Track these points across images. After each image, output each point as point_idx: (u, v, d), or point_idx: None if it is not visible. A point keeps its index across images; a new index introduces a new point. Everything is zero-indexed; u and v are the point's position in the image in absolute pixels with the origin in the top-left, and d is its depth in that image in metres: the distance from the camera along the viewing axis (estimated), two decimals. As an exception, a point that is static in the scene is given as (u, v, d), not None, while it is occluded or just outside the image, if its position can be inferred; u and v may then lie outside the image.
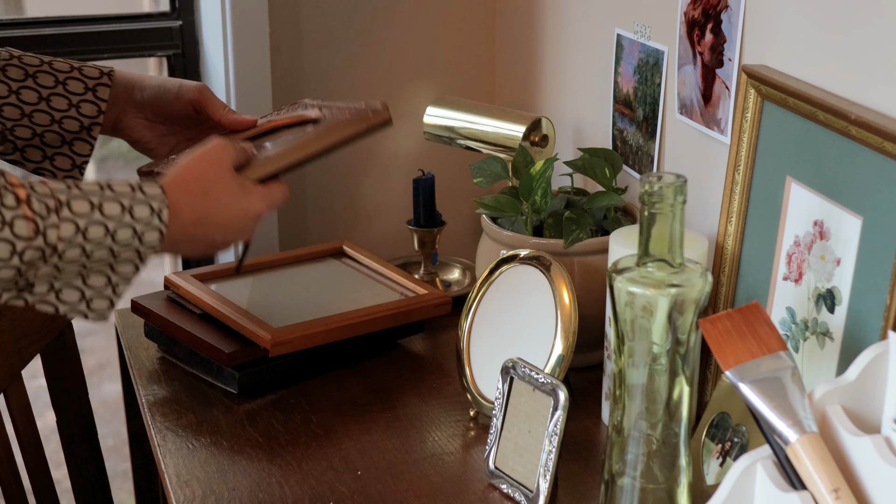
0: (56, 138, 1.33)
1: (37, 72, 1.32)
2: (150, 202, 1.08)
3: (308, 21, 1.88)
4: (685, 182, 1.01)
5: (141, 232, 1.08)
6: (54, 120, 1.32)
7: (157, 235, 1.09)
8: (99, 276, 1.09)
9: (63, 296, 1.08)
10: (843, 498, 0.88)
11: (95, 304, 1.10)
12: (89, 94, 1.34)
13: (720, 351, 0.96)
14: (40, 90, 1.32)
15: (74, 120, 1.33)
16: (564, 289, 1.32)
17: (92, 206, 1.05)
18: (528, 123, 1.64)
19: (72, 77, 1.34)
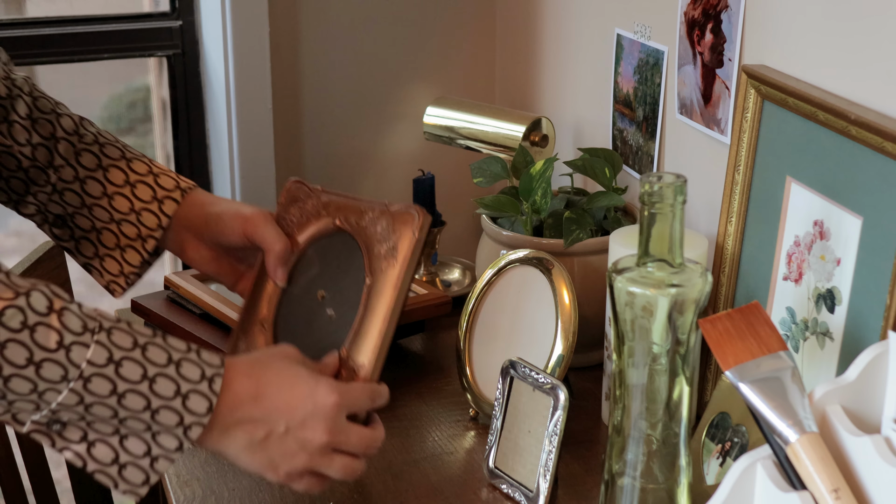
0: (112, 238, 1.22)
1: (110, 165, 1.22)
2: (203, 367, 0.98)
3: (308, 21, 1.88)
4: (685, 182, 1.01)
5: (185, 392, 0.96)
6: (112, 219, 1.22)
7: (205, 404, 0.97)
8: (138, 441, 0.97)
9: (95, 451, 0.97)
10: (843, 498, 0.88)
11: (129, 474, 0.98)
12: (154, 204, 1.22)
13: (720, 351, 0.96)
14: (106, 185, 1.22)
15: (133, 226, 1.22)
16: (564, 289, 1.32)
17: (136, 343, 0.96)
18: (528, 123, 1.64)
19: (144, 181, 1.22)
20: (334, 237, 1.17)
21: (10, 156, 1.21)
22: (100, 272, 1.24)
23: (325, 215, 1.17)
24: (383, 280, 1.11)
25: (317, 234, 1.18)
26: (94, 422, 0.96)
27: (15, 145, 1.20)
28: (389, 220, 1.12)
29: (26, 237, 5.30)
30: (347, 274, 1.14)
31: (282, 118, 1.90)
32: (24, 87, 1.21)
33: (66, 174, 1.21)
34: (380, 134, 1.97)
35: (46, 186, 1.21)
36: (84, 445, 0.96)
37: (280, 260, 1.18)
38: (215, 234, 1.22)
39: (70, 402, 0.93)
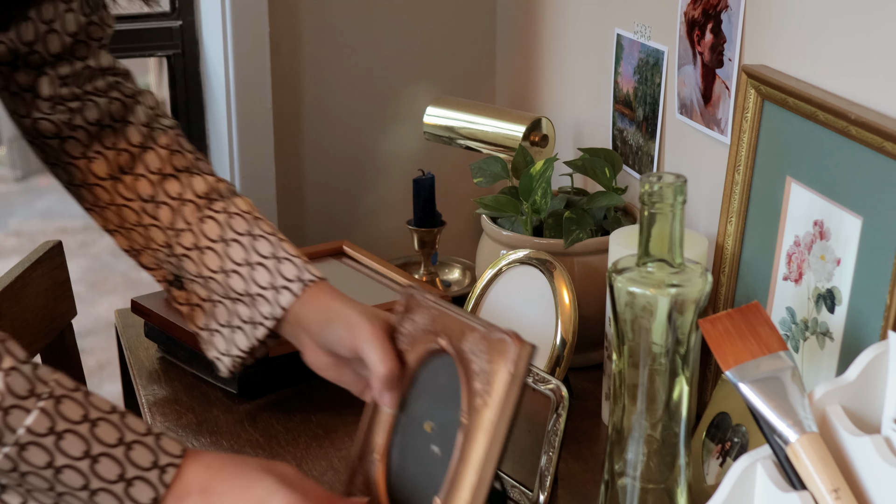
0: (224, 314, 1.15)
1: (232, 240, 1.14)
2: (157, 454, 0.91)
3: (308, 21, 1.88)
4: (685, 182, 1.01)
5: (130, 478, 0.89)
6: (227, 296, 1.14)
7: (150, 494, 0.90)
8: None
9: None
10: (843, 498, 0.88)
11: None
12: (271, 292, 1.13)
13: (720, 351, 0.96)
14: (224, 261, 1.14)
15: (246, 308, 1.14)
16: (564, 289, 1.32)
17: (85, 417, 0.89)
18: (528, 123, 1.64)
19: (264, 265, 1.13)
20: (442, 360, 1.01)
21: (129, 209, 1.17)
22: (207, 345, 1.17)
23: (433, 333, 1.02)
24: (477, 422, 0.95)
25: (426, 354, 1.03)
26: (32, 490, 0.90)
27: (137, 199, 1.16)
28: (487, 347, 0.96)
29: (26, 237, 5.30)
30: (450, 408, 0.99)
31: (282, 118, 1.90)
32: (159, 139, 1.18)
33: (185, 240, 1.15)
34: (380, 134, 1.97)
35: (165, 248, 1.16)
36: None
37: (386, 384, 1.04)
38: (329, 342, 1.10)
39: (4, 468, 0.88)
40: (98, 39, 1.19)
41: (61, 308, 1.58)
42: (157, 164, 1.17)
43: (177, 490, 0.91)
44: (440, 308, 1.02)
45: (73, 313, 1.60)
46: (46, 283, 1.54)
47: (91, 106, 1.18)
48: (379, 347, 1.04)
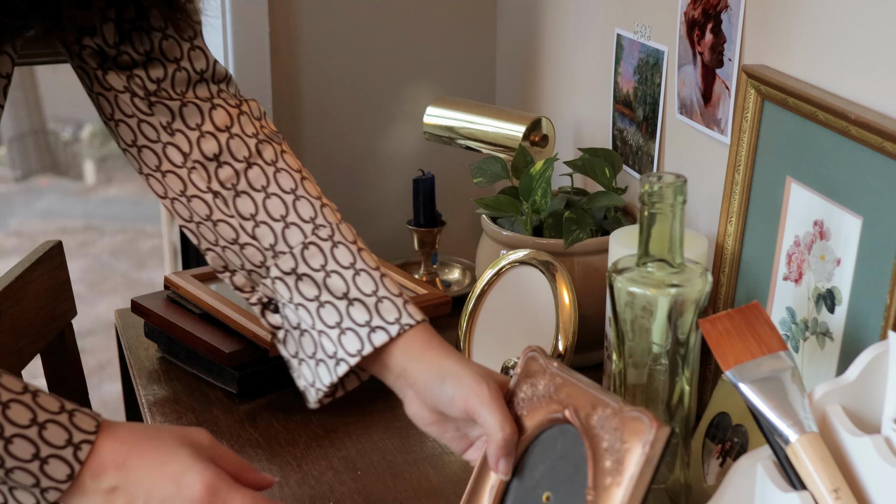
0: (310, 345, 1.11)
1: (333, 272, 1.10)
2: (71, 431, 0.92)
3: (308, 21, 1.88)
4: (685, 182, 1.01)
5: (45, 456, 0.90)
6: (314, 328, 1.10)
7: (65, 471, 0.90)
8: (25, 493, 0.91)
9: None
10: (843, 498, 0.88)
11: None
12: (365, 329, 1.08)
13: (720, 351, 0.96)
14: (321, 292, 1.09)
15: (332, 344, 1.09)
16: (564, 289, 1.32)
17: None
18: (528, 123, 1.64)
19: (362, 301, 1.08)
20: (564, 430, 0.98)
21: (227, 225, 1.12)
22: (296, 372, 1.13)
23: (556, 401, 0.99)
24: (606, 500, 0.92)
25: (546, 422, 0.99)
26: None
27: (237, 217, 1.12)
28: (620, 424, 0.93)
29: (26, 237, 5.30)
30: (573, 481, 0.97)
31: (282, 118, 1.90)
32: (264, 153, 1.13)
33: (284, 264, 1.11)
34: (380, 134, 1.97)
35: (260, 268, 1.12)
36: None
37: (503, 450, 1.00)
38: (438, 401, 1.04)
39: None
40: (188, 38, 1.13)
41: (61, 308, 1.58)
42: (261, 181, 1.12)
43: (93, 466, 0.91)
44: (564, 376, 0.99)
45: (73, 313, 1.60)
46: (46, 283, 1.54)
47: (193, 110, 1.12)
48: (498, 412, 1.00)
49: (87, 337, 3.80)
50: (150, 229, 5.33)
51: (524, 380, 1.02)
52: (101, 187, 5.92)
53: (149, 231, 5.33)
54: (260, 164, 1.13)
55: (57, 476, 0.90)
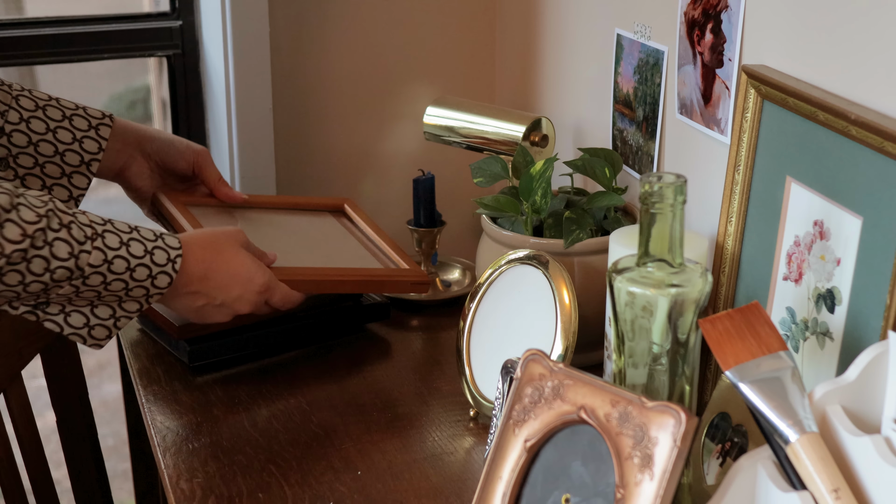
0: (56, 170, 1.39)
1: (46, 105, 1.38)
2: (168, 250, 1.23)
3: (308, 21, 1.88)
4: (685, 182, 1.01)
5: (155, 274, 1.22)
6: (57, 152, 1.38)
7: (167, 280, 1.23)
8: (106, 307, 1.22)
9: (70, 319, 1.21)
10: (843, 498, 0.88)
11: (96, 332, 1.23)
12: (92, 131, 1.41)
13: (720, 351, 0.96)
14: (48, 122, 1.38)
15: (76, 154, 1.39)
16: (564, 289, 1.32)
17: (121, 242, 1.19)
18: (528, 123, 1.64)
19: (77, 114, 1.41)
20: (578, 430, 0.99)
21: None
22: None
23: (566, 402, 0.99)
24: (637, 497, 0.92)
25: (558, 424, 0.99)
26: (79, 297, 1.19)
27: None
28: (644, 419, 0.93)
29: (26, 237, 5.28)
30: (596, 480, 0.97)
31: (282, 118, 1.90)
32: None
33: (11, 116, 1.36)
34: (380, 134, 1.97)
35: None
36: (62, 316, 1.21)
37: (225, 185, 1.51)
38: (165, 156, 1.47)
39: (67, 293, 1.17)
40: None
41: (61, 308, 1.58)
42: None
43: (182, 278, 1.26)
44: (573, 376, 0.99)
45: (73, 313, 1.60)
46: (46, 283, 1.54)
47: None
48: (215, 168, 1.50)
49: (87, 337, 3.79)
50: (150, 229, 5.31)
51: (527, 383, 1.02)
52: (101, 187, 5.91)
53: (149, 231, 5.32)
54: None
55: (161, 285, 1.23)
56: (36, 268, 1.13)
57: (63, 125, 1.39)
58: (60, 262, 1.14)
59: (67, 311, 1.20)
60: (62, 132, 1.39)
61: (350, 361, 1.52)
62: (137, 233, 1.22)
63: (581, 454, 0.98)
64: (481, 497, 1.02)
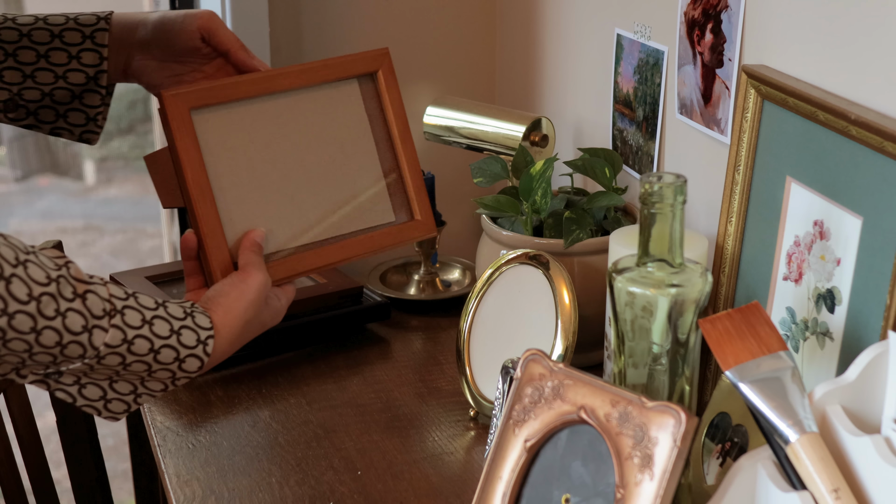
0: (65, 94, 1.26)
1: (31, 30, 1.25)
2: (198, 332, 1.07)
3: (308, 21, 1.88)
4: (685, 182, 1.01)
5: (183, 357, 1.06)
6: (57, 76, 1.25)
7: (197, 364, 1.07)
8: (127, 384, 1.07)
9: (85, 391, 1.07)
10: (843, 498, 0.88)
11: (113, 406, 1.08)
12: (87, 42, 1.25)
13: (720, 351, 0.96)
14: (37, 48, 1.25)
15: (78, 72, 1.25)
16: (564, 289, 1.32)
17: (143, 320, 1.04)
18: (528, 123, 1.64)
19: (67, 28, 1.25)
20: (578, 430, 0.99)
21: None
22: (69, 131, 1.27)
23: (566, 402, 0.99)
24: (637, 497, 0.92)
25: (558, 424, 0.99)
26: (94, 373, 1.04)
27: None
28: (644, 419, 0.93)
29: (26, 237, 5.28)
30: (596, 480, 0.97)
31: (282, 118, 1.90)
32: None
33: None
34: (380, 134, 1.97)
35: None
36: (76, 388, 1.05)
37: (249, 52, 1.24)
38: (163, 39, 1.24)
39: (79, 370, 1.02)
40: None
41: (61, 308, 1.58)
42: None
43: (213, 358, 1.08)
44: (573, 376, 0.99)
45: (73, 313, 1.60)
46: (46, 283, 1.54)
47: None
48: (227, 28, 1.24)
49: (87, 337, 3.79)
50: (150, 229, 5.33)
51: (527, 383, 1.02)
52: (101, 187, 5.92)
53: (149, 231, 5.33)
54: None
55: (191, 369, 1.07)
56: (46, 339, 0.98)
57: (54, 45, 1.24)
58: (73, 335, 0.99)
59: (83, 382, 1.06)
60: (55, 53, 1.24)
61: (350, 361, 1.52)
62: (164, 309, 1.06)
63: (581, 454, 0.98)
64: (481, 497, 1.02)
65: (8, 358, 0.99)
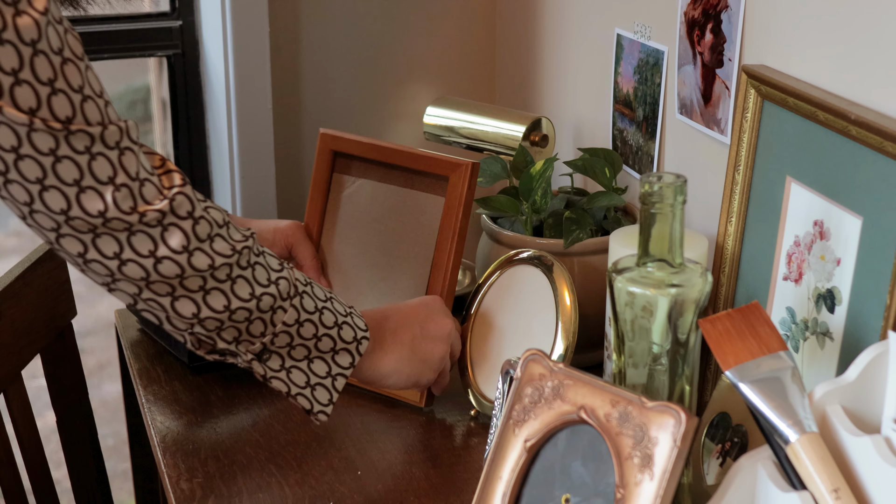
0: None
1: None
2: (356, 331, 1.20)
3: (308, 21, 1.88)
4: (685, 182, 1.01)
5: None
6: None
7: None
8: (321, 363, 1.18)
9: (293, 376, 1.17)
10: (843, 498, 0.88)
11: (319, 394, 1.18)
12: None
13: (720, 351, 0.96)
14: None
15: None
16: (565, 289, 1.32)
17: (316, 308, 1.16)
18: (528, 123, 1.64)
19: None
20: (578, 430, 0.99)
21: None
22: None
23: (566, 402, 0.99)
24: (637, 497, 0.92)
25: (558, 424, 0.99)
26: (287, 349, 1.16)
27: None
28: (644, 419, 0.93)
29: (26, 237, 5.30)
30: (596, 480, 0.97)
31: (282, 118, 1.90)
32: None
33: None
34: (380, 134, 1.97)
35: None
36: (285, 372, 1.16)
37: (318, 268, 1.45)
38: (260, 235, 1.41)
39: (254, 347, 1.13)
40: None
41: (61, 308, 1.58)
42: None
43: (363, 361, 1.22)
44: (573, 376, 0.99)
45: (73, 313, 1.60)
46: (46, 283, 1.54)
47: None
48: (308, 243, 1.44)
49: (87, 337, 3.79)
50: (150, 229, 5.31)
51: (527, 383, 1.02)
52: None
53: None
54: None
55: (343, 364, 1.19)
56: (240, 290, 1.08)
57: None
58: (263, 287, 1.09)
59: (287, 366, 1.16)
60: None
61: (350, 361, 1.52)
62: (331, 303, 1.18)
63: (581, 454, 0.98)
64: (481, 497, 1.02)
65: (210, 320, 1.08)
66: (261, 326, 1.12)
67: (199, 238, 1.04)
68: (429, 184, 1.43)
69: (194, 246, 1.04)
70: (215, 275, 1.06)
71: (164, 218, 1.02)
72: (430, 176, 1.42)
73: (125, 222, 1.00)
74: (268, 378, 1.16)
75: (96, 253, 1.01)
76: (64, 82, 0.95)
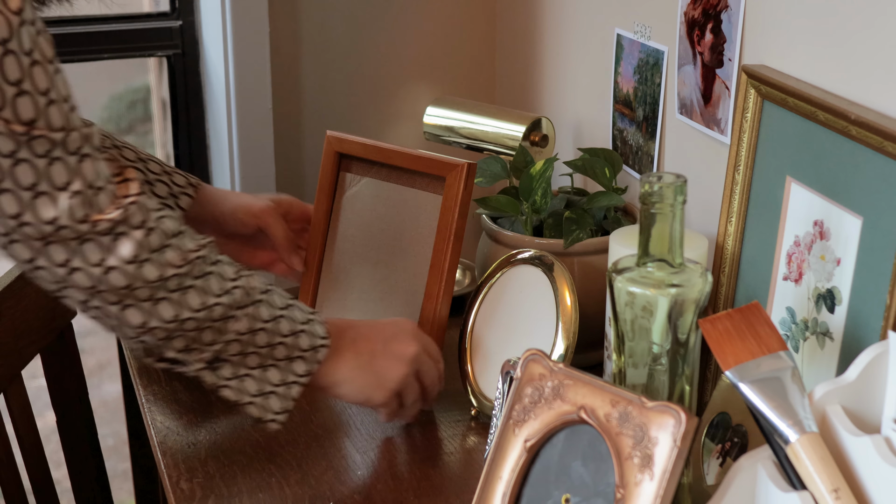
0: None
1: (128, 167, 1.23)
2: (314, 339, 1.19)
3: (308, 21, 1.88)
4: (685, 182, 1.01)
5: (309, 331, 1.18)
6: None
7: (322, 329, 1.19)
8: (276, 371, 1.17)
9: (245, 384, 1.16)
10: (843, 498, 0.88)
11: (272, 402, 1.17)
12: (171, 199, 1.36)
13: (720, 351, 0.96)
14: None
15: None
16: (566, 288, 1.32)
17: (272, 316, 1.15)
18: (528, 123, 1.64)
19: (161, 180, 1.36)
20: (578, 430, 0.99)
21: None
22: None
23: (566, 402, 0.99)
24: (637, 497, 0.92)
25: (558, 424, 0.99)
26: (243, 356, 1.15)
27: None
28: (644, 419, 0.93)
29: (26, 237, 5.27)
30: (596, 480, 0.97)
31: (282, 118, 1.90)
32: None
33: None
34: (380, 134, 1.97)
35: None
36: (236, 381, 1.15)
37: (292, 248, 1.43)
38: (231, 227, 1.41)
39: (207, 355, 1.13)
40: None
41: (61, 308, 1.58)
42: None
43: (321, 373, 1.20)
44: (573, 376, 0.99)
45: (73, 313, 1.60)
46: (46, 283, 1.54)
47: None
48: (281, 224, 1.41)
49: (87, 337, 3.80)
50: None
51: (527, 383, 1.02)
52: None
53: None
54: None
55: (299, 371, 1.18)
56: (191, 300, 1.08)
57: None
58: (215, 297, 1.09)
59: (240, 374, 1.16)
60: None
61: (350, 361, 1.52)
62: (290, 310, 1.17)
63: (581, 454, 0.98)
64: (481, 497, 1.02)
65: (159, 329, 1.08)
66: (211, 335, 1.12)
67: (151, 248, 1.05)
68: (428, 183, 1.43)
69: (145, 256, 1.04)
70: (165, 285, 1.06)
71: (115, 227, 1.02)
72: (429, 176, 1.43)
73: (76, 231, 1.00)
74: (217, 388, 1.16)
75: (45, 260, 1.02)
76: (31, 84, 0.96)
